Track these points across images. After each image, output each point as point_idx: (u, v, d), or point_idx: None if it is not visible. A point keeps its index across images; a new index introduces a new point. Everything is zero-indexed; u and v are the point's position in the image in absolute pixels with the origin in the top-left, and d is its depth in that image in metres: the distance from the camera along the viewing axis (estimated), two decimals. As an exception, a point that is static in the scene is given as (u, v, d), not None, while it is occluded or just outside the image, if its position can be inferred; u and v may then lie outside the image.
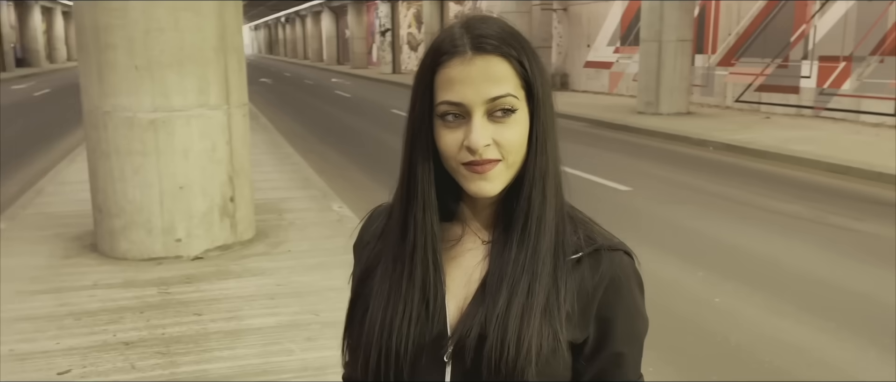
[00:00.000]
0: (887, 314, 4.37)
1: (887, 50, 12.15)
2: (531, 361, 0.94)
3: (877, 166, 8.56)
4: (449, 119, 0.95)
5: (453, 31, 0.97)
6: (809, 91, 13.77)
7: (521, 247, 0.99)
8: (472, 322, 0.97)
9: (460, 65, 0.93)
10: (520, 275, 0.98)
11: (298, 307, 4.28)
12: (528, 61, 0.96)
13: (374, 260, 1.07)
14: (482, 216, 1.04)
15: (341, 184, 8.48)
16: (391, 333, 0.99)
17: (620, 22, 19.63)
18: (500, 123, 0.94)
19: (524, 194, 0.99)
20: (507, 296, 0.97)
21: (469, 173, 0.95)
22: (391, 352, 0.98)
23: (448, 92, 0.94)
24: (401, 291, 1.00)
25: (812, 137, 10.94)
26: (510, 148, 0.95)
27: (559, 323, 0.97)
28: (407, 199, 1.02)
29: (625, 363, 1.02)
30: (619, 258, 1.01)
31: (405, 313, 0.99)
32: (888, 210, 7.00)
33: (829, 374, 3.60)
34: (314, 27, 55.16)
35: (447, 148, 0.95)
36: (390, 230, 1.05)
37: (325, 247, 5.52)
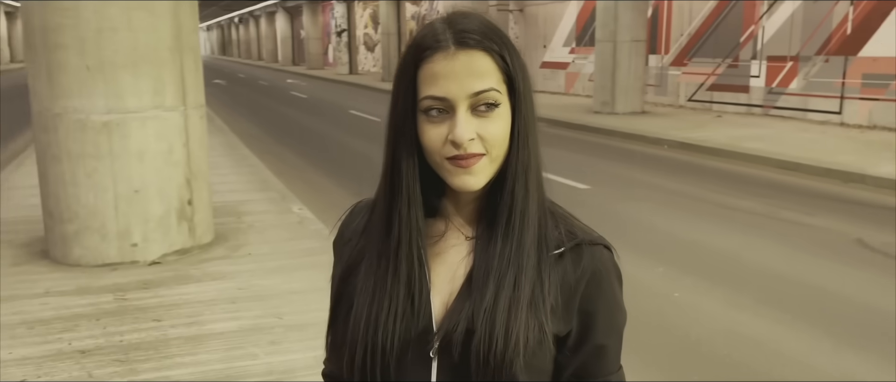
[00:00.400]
0: (840, 305, 4.51)
1: (832, 50, 12.55)
2: (519, 353, 0.95)
3: (824, 163, 8.83)
4: (433, 114, 0.94)
5: (435, 27, 0.97)
6: (759, 90, 14.15)
7: (505, 241, 0.99)
8: (459, 317, 0.97)
9: (443, 60, 0.93)
10: (506, 269, 0.98)
11: (261, 310, 4.21)
12: (509, 56, 0.96)
13: (356, 257, 1.06)
14: (465, 212, 1.04)
15: (300, 186, 8.39)
16: (377, 329, 0.98)
17: (575, 22, 19.87)
18: (484, 118, 0.94)
19: (507, 189, 0.99)
20: (494, 290, 0.97)
21: (453, 168, 0.95)
22: (377, 348, 0.98)
23: (432, 87, 0.94)
24: (386, 287, 1.00)
25: (762, 135, 11.24)
26: (494, 142, 0.95)
27: (545, 316, 0.98)
28: (391, 194, 1.01)
29: (606, 354, 1.04)
30: (599, 252, 1.03)
31: (391, 308, 0.98)
32: (837, 205, 7.23)
33: (787, 365, 3.70)
34: (268, 28, 54.49)
35: (431, 143, 0.95)
36: (374, 226, 1.04)
37: (285, 250, 5.45)
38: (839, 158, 9.08)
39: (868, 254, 5.57)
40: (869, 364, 3.70)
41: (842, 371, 3.62)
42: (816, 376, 3.59)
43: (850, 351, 3.84)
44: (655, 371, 3.60)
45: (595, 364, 1.03)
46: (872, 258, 5.48)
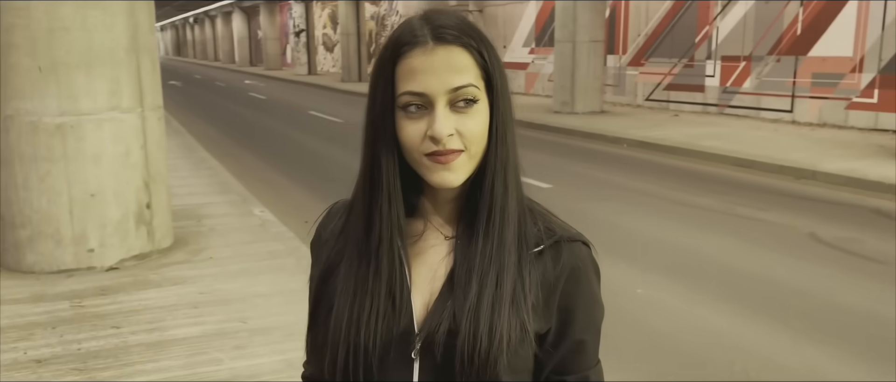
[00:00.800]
0: (797, 298, 4.63)
1: (783, 50, 12.89)
2: (503, 352, 0.95)
3: (778, 160, 9.06)
4: (411, 110, 0.94)
5: (412, 23, 0.96)
6: (714, 89, 14.45)
7: (487, 238, 0.99)
8: (441, 318, 0.97)
9: (422, 55, 0.93)
10: (488, 267, 0.98)
11: (224, 315, 4.14)
12: (487, 53, 0.96)
13: (335, 258, 1.05)
14: (444, 212, 1.04)
15: (261, 188, 8.28)
16: (359, 329, 0.97)
17: (535, 23, 20.02)
18: (463, 114, 0.94)
19: (487, 186, 0.99)
20: (477, 288, 0.97)
21: (432, 164, 0.94)
22: (360, 349, 0.97)
23: (410, 82, 0.93)
24: (367, 286, 0.99)
25: (718, 134, 11.48)
26: (473, 138, 0.94)
27: (527, 314, 0.98)
28: (371, 193, 1.00)
29: (585, 350, 1.05)
30: (578, 248, 1.04)
31: (372, 308, 0.98)
32: (790, 201, 7.43)
33: (748, 359, 3.78)
34: (225, 28, 53.66)
35: (410, 139, 0.94)
36: (353, 226, 1.03)
37: (248, 253, 5.37)
38: (791, 155, 9.33)
39: (821, 248, 5.74)
40: (828, 356, 3.80)
41: (802, 363, 3.72)
42: (778, 368, 3.67)
43: (810, 344, 3.95)
44: (620, 366, 3.64)
45: (574, 360, 1.04)
46: (825, 252, 5.65)
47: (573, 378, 1.04)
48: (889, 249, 5.64)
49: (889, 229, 6.26)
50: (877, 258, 5.40)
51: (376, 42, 31.48)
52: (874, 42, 11.34)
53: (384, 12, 30.40)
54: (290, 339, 3.78)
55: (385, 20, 30.35)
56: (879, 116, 11.34)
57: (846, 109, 11.85)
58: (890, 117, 11.11)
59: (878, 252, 5.55)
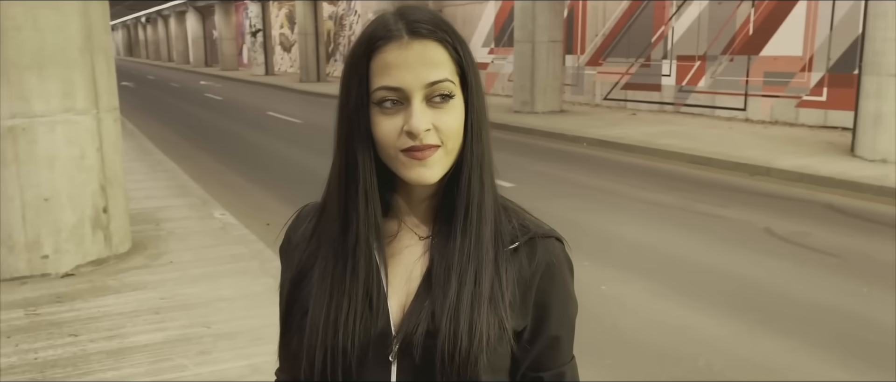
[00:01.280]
0: (755, 292, 4.75)
1: (736, 49, 13.20)
2: (483, 350, 0.95)
3: (733, 157, 9.28)
4: (386, 106, 0.92)
5: (386, 18, 0.95)
6: (670, 88, 14.72)
7: (465, 236, 0.98)
8: (419, 318, 0.96)
9: (397, 49, 0.92)
10: (466, 264, 0.98)
11: (187, 320, 4.06)
12: (461, 49, 0.96)
13: (308, 261, 1.03)
14: (418, 211, 1.03)
15: (221, 190, 8.14)
16: (337, 331, 0.95)
17: (494, 23, 20.12)
18: (439, 109, 0.93)
19: (463, 183, 0.98)
20: (456, 287, 0.96)
21: (408, 160, 0.93)
22: (338, 350, 0.95)
23: (385, 77, 0.92)
24: (344, 287, 0.97)
25: (675, 132, 11.70)
26: (449, 134, 0.94)
27: (505, 312, 0.98)
28: (346, 191, 0.98)
29: (560, 345, 1.05)
30: (552, 244, 1.04)
31: (350, 309, 0.96)
32: (746, 197, 7.61)
33: (711, 352, 3.86)
34: (179, 28, 52.65)
35: (385, 135, 0.93)
36: (327, 226, 1.01)
37: (209, 257, 5.27)
38: (746, 152, 9.55)
39: (777, 243, 5.89)
40: (786, 349, 3.90)
41: (763, 356, 3.81)
42: (740, 361, 3.76)
43: (768, 336, 4.05)
44: (585, 362, 3.67)
45: (550, 356, 1.04)
46: (781, 246, 5.80)
47: (549, 374, 1.05)
48: (841, 242, 5.82)
49: (840, 223, 6.46)
50: (830, 252, 5.57)
51: (335, 42, 31.26)
52: (823, 42, 11.68)
53: (342, 12, 30.20)
54: (256, 343, 3.72)
55: (343, 20, 30.15)
56: (828, 114, 11.69)
57: (797, 107, 12.19)
58: (838, 115, 11.46)
59: (831, 246, 5.72)
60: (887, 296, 4.60)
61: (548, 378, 1.05)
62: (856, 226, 6.40)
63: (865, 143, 8.80)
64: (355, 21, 28.83)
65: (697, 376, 3.61)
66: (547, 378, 1.05)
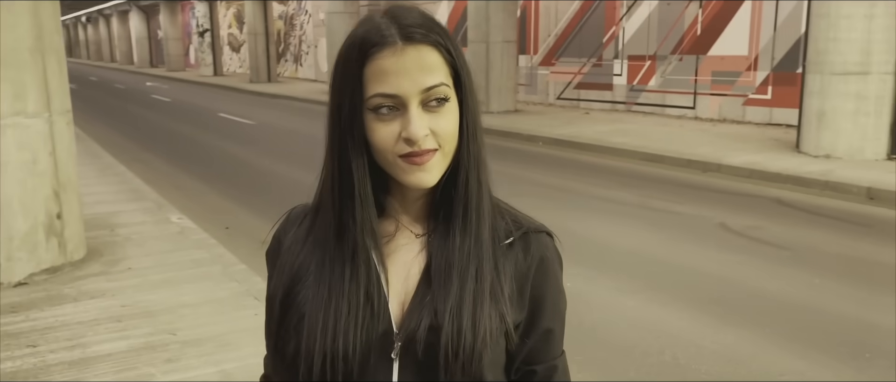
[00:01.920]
0: (714, 285, 4.88)
1: (685, 49, 13.53)
2: (487, 345, 0.97)
3: (685, 154, 9.51)
4: (383, 112, 0.93)
5: (377, 22, 0.94)
6: (621, 88, 14.99)
7: (464, 235, 1.00)
8: (421, 316, 0.97)
9: (392, 56, 0.91)
10: (467, 262, 0.99)
11: (151, 327, 3.97)
12: (454, 49, 0.96)
13: (302, 265, 1.02)
14: (412, 210, 1.03)
15: (175, 194, 7.97)
16: (336, 336, 0.95)
17: (447, 23, 20.16)
18: (435, 113, 0.93)
19: (461, 182, 0.99)
20: (458, 284, 0.98)
21: (407, 165, 0.94)
22: (338, 355, 0.95)
23: (381, 84, 0.92)
24: (343, 292, 0.97)
25: (627, 130, 11.92)
26: (446, 137, 0.95)
27: (505, 306, 1.00)
28: (341, 197, 0.98)
29: (553, 339, 1.07)
30: (544, 239, 1.07)
31: (350, 314, 0.96)
32: (700, 193, 7.81)
33: (677, 345, 3.95)
34: (121, 27, 51.21)
35: (382, 142, 0.93)
36: (321, 230, 1.01)
37: (170, 262, 5.16)
38: (697, 149, 9.81)
39: (731, 237, 6.06)
40: (746, 340, 4.02)
41: (725, 347, 3.92)
42: (706, 353, 3.86)
43: (729, 327, 4.17)
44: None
45: (543, 350, 1.06)
46: (736, 240, 5.97)
47: (542, 367, 1.07)
48: (792, 235, 6.02)
49: (790, 217, 6.69)
50: (782, 245, 5.76)
51: (285, 42, 30.88)
52: (767, 42, 12.07)
53: (293, 12, 29.85)
54: (225, 349, 3.66)
55: (293, 19, 29.81)
56: (773, 112, 12.08)
57: (744, 106, 12.57)
58: (783, 112, 11.85)
59: (783, 239, 5.92)
60: (838, 287, 4.78)
61: (541, 371, 1.07)
62: (804, 220, 6.63)
63: (810, 139, 9.13)
64: (306, 21, 28.54)
65: (665, 369, 3.70)
66: (540, 371, 1.07)
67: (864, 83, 8.61)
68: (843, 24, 8.57)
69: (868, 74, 8.58)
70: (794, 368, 3.67)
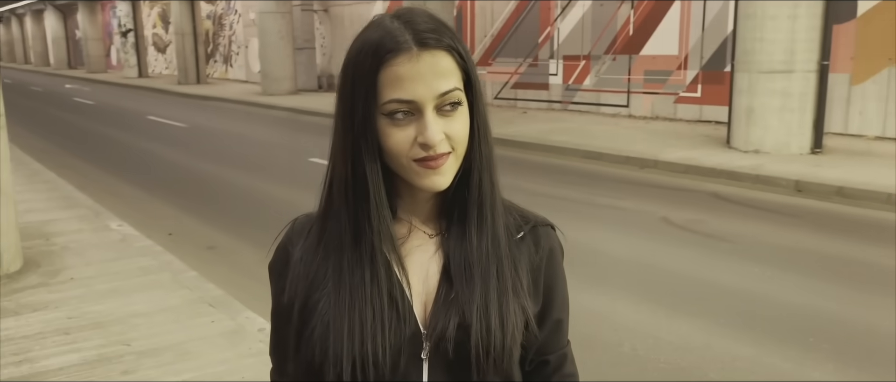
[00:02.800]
0: (663, 277, 5.03)
1: (618, 49, 13.88)
2: (516, 341, 1.00)
3: (623, 151, 9.77)
4: (398, 117, 0.93)
5: (390, 27, 0.95)
6: (557, 87, 15.27)
7: (481, 235, 1.02)
8: (448, 316, 0.98)
9: (408, 62, 0.92)
10: (487, 261, 1.01)
11: (102, 339, 3.82)
12: (464, 52, 0.98)
13: (317, 274, 1.01)
14: (423, 211, 1.04)
15: (112, 200, 7.67)
16: (364, 340, 0.96)
17: (382, 23, 20.06)
18: (449, 117, 0.95)
19: (474, 183, 1.01)
20: (481, 284, 1.00)
21: (422, 169, 0.95)
22: (368, 360, 0.95)
23: (397, 90, 0.93)
24: (365, 297, 0.97)
25: (566, 128, 12.15)
26: (459, 140, 0.96)
27: (525, 299, 1.03)
28: (356, 202, 0.98)
29: (563, 328, 1.13)
30: (550, 231, 1.11)
31: (376, 317, 0.97)
32: (640, 188, 8.04)
33: (634, 336, 4.06)
34: (36, 27, 48.86)
35: (397, 146, 0.94)
36: (335, 237, 1.01)
37: (114, 271, 4.97)
38: (634, 146, 10.08)
39: (675, 230, 6.27)
40: (698, 329, 4.17)
41: (679, 336, 4.05)
42: (663, 344, 3.98)
43: (682, 318, 4.31)
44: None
45: (554, 339, 1.11)
46: (679, 234, 6.18)
47: (553, 356, 1.11)
48: (731, 228, 6.27)
49: (727, 210, 6.97)
50: (723, 237, 5.99)
51: (214, 42, 30.11)
52: (696, 42, 12.51)
53: (222, 11, 29.13)
54: (184, 359, 3.56)
55: (223, 19, 29.10)
56: (703, 109, 12.54)
57: (675, 103, 12.99)
58: (712, 110, 12.31)
59: (723, 231, 6.16)
60: (777, 275, 5.01)
61: (553, 360, 1.11)
62: (740, 212, 6.92)
63: (739, 135, 9.52)
64: (236, 21, 27.91)
65: (625, 361, 3.80)
66: (552, 361, 1.11)
67: (789, 81, 9.04)
68: (768, 24, 8.97)
69: (792, 73, 9.01)
70: (745, 354, 3.83)
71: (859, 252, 5.49)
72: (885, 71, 10.07)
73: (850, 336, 4.01)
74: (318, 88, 22.48)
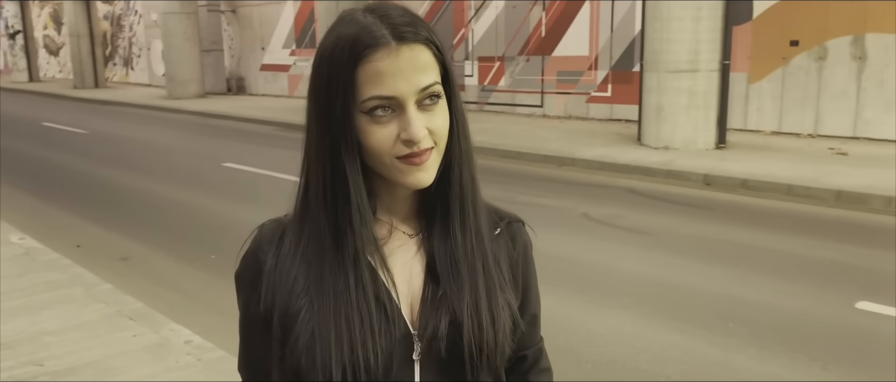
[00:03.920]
0: (589, 271, 5.16)
1: (531, 50, 14.15)
2: (507, 336, 1.00)
3: (541, 150, 9.96)
4: (378, 114, 0.91)
5: (365, 22, 0.92)
6: (473, 88, 15.41)
7: (465, 231, 1.01)
8: (439, 315, 0.97)
9: (387, 57, 0.90)
10: (473, 258, 1.00)
11: (11, 360, 3.55)
12: (441, 45, 0.96)
13: (296, 280, 0.96)
14: (402, 210, 1.02)
15: (10, 212, 7.16)
16: (354, 347, 0.92)
17: (294, 24, 19.70)
18: (430, 111, 0.93)
19: (455, 179, 1.00)
20: (469, 280, 0.99)
21: (405, 166, 0.92)
22: (359, 366, 0.92)
23: (377, 86, 0.90)
24: (351, 301, 0.94)
25: (483, 129, 12.26)
26: (441, 134, 0.95)
27: (510, 295, 1.03)
28: (335, 205, 0.95)
29: (537, 323, 1.14)
30: (522, 227, 1.12)
31: (365, 323, 0.94)
32: (559, 186, 8.22)
33: (566, 330, 4.14)
34: (-89, 28, 45.15)
35: (379, 144, 0.91)
36: (314, 241, 0.96)
37: (20, 286, 4.64)
38: (551, 145, 10.30)
39: (596, 225, 6.44)
40: (626, 319, 4.29)
41: (608, 328, 4.16)
42: (594, 336, 4.07)
43: (610, 309, 4.43)
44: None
45: (531, 334, 1.12)
46: (601, 228, 6.35)
47: (530, 351, 1.12)
48: (648, 221, 6.50)
49: (643, 205, 7.21)
50: (642, 230, 6.20)
51: (113, 44, 28.72)
52: (605, 42, 12.92)
53: (120, 12, 27.83)
54: (107, 375, 3.36)
55: (121, 20, 27.81)
56: (614, 108, 12.95)
57: (587, 103, 13.36)
58: (622, 108, 12.74)
59: (641, 225, 6.37)
60: (695, 265, 5.22)
61: (530, 355, 1.12)
62: (656, 206, 7.18)
63: (650, 132, 9.89)
64: (136, 21, 26.73)
65: (560, 355, 3.84)
66: (530, 356, 1.12)
67: (694, 80, 9.46)
68: (674, 25, 9.36)
69: (697, 72, 9.44)
70: (673, 342, 3.96)
71: (764, 240, 5.80)
72: (779, 70, 10.71)
73: (766, 318, 4.22)
74: (228, 90, 21.82)
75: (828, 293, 4.60)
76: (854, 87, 9.98)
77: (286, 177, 8.65)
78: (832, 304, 4.41)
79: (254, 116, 15.33)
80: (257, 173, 9.28)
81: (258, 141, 12.28)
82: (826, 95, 10.25)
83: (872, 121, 9.85)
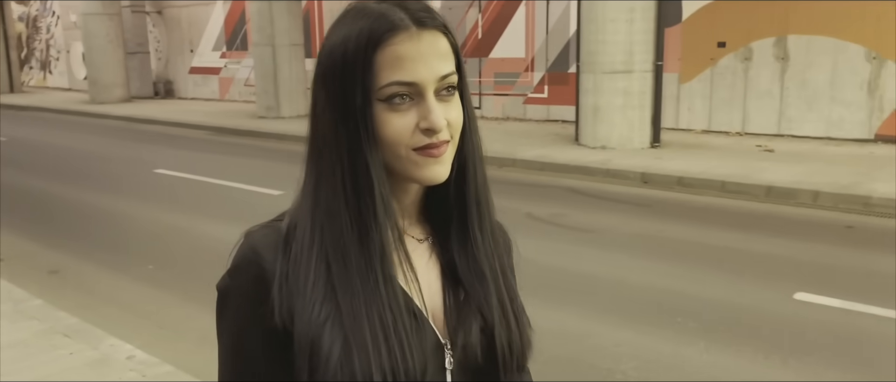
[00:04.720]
0: (538, 270, 5.17)
1: (469, 52, 14.20)
2: (530, 336, 1.01)
3: (488, 151, 9.97)
4: (397, 102, 0.86)
5: (382, 9, 0.88)
6: (410, 90, 15.37)
7: (483, 232, 0.98)
8: (470, 321, 0.94)
9: (408, 41, 0.86)
10: (493, 260, 0.98)
11: (-63, 385, 3.31)
12: (454, 36, 0.93)
13: (315, 287, 0.88)
14: (410, 213, 0.98)
15: (-78, 225, 6.71)
16: (391, 349, 0.87)
17: (224, 26, 19.22)
18: (447, 103, 0.90)
19: (470, 175, 0.96)
20: (492, 283, 0.97)
21: (423, 159, 0.88)
22: (399, 370, 0.87)
23: (397, 72, 0.86)
24: (383, 301, 0.88)
25: (422, 130, 12.25)
26: (457, 127, 0.92)
27: (519, 295, 1.03)
28: (358, 200, 0.88)
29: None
30: (503, 228, 1.10)
31: (398, 325, 0.89)
32: (502, 186, 8.21)
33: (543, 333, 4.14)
34: None
35: (397, 133, 0.87)
36: (332, 242, 0.89)
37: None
38: (491, 146, 10.19)
39: (541, 225, 6.50)
40: (577, 316, 4.34)
41: (560, 325, 4.19)
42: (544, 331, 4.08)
43: (560, 307, 4.47)
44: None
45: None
46: (546, 228, 6.41)
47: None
48: (590, 219, 6.60)
49: (585, 203, 7.33)
50: (585, 229, 6.30)
51: (29, 47, 27.37)
52: (541, 44, 13.09)
53: (37, 13, 26.56)
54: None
55: (38, 22, 26.54)
56: (551, 109, 13.14)
57: (524, 104, 13.51)
58: (559, 109, 12.93)
59: (584, 223, 6.47)
60: (639, 262, 5.33)
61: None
62: (597, 205, 7.30)
63: (587, 132, 10.06)
64: (53, 23, 25.56)
65: (516, 354, 3.85)
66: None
67: (629, 81, 9.68)
68: (609, 27, 9.55)
69: (632, 73, 9.66)
70: (624, 338, 4.02)
71: (703, 236, 5.97)
72: (707, 70, 11.08)
73: (711, 311, 4.34)
74: (155, 94, 21.10)
75: (767, 285, 4.76)
76: (778, 86, 10.42)
77: (222, 183, 8.44)
78: (772, 296, 4.56)
79: (184, 120, 14.88)
80: (191, 179, 8.98)
81: (190, 146, 11.91)
82: (752, 94, 10.67)
83: (795, 119, 10.31)
